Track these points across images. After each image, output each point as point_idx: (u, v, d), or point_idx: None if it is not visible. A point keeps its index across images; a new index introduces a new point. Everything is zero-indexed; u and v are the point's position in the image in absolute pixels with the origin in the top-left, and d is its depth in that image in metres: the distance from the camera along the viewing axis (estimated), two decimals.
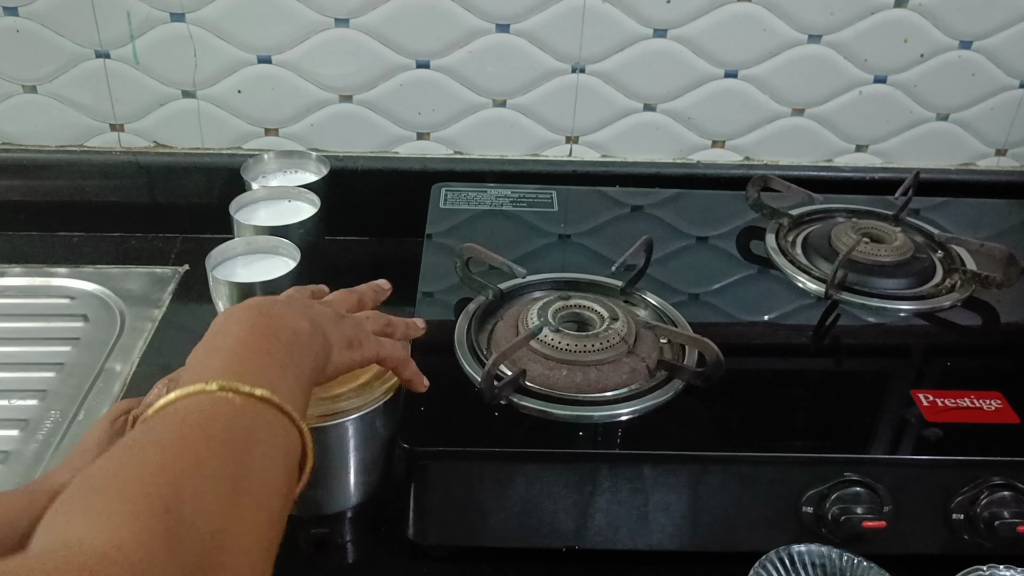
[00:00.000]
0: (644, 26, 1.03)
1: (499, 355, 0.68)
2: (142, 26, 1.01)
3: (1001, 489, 0.67)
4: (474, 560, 0.71)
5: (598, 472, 0.66)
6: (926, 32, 1.04)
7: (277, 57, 1.03)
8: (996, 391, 0.73)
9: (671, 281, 0.87)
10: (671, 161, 1.12)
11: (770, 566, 0.65)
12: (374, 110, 1.07)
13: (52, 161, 1.07)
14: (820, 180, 1.11)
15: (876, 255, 0.88)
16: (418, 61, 1.04)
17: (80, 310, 0.98)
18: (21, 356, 0.92)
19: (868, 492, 0.66)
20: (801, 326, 0.84)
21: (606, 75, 1.06)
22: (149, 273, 1.03)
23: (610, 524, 0.68)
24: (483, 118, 1.08)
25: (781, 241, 0.94)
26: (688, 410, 0.70)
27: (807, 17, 1.03)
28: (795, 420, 0.72)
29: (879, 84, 1.08)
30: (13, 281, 1.01)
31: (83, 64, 1.03)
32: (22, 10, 0.99)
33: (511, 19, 1.02)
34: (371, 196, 1.10)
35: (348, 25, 1.01)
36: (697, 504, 0.68)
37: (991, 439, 0.69)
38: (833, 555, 0.66)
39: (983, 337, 0.85)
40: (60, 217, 1.09)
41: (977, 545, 0.68)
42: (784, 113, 1.10)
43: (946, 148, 1.13)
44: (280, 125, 1.08)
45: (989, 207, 1.07)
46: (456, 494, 0.68)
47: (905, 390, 0.73)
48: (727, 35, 1.03)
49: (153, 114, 1.06)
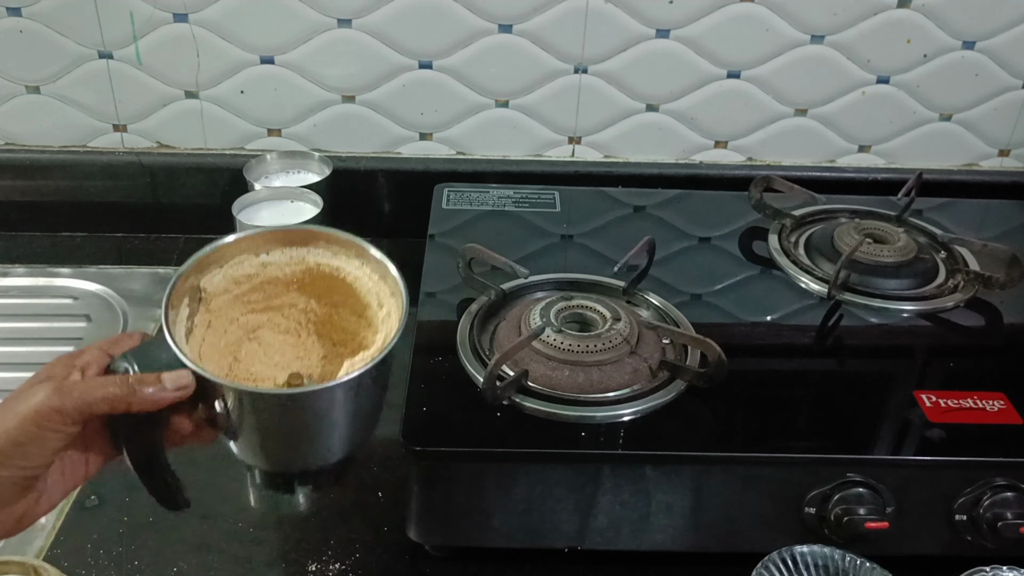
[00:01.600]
0: (647, 26, 1.03)
1: (501, 355, 0.68)
2: (145, 26, 1.01)
3: (1004, 490, 0.67)
4: (476, 560, 0.71)
5: (600, 473, 0.66)
6: (929, 32, 1.04)
7: (280, 57, 1.03)
8: (999, 392, 0.73)
9: (673, 281, 0.87)
10: (673, 161, 1.12)
11: (772, 567, 0.65)
12: (377, 110, 1.07)
13: (55, 161, 1.07)
14: (823, 180, 1.11)
15: (879, 256, 0.88)
16: (421, 61, 1.04)
17: (83, 310, 0.98)
18: (24, 356, 0.92)
19: (871, 493, 0.66)
20: (804, 327, 0.84)
21: (609, 75, 1.06)
22: (152, 273, 1.03)
23: (612, 525, 0.68)
24: (486, 118, 1.08)
25: (784, 242, 0.94)
26: (690, 411, 0.70)
27: (810, 17, 1.03)
28: (797, 421, 0.72)
29: (882, 84, 1.08)
30: (16, 281, 1.02)
31: (86, 65, 1.03)
32: (25, 11, 0.99)
33: (514, 19, 1.02)
34: (374, 196, 1.10)
35: (351, 25, 1.01)
36: (699, 505, 0.68)
37: (994, 440, 0.69)
38: (836, 556, 0.66)
39: (986, 338, 0.84)
40: (63, 217, 1.09)
41: (980, 546, 0.68)
42: (787, 113, 1.09)
43: (949, 149, 1.13)
44: (283, 125, 1.08)
45: (992, 208, 1.07)
46: (458, 494, 0.68)
47: (908, 391, 0.73)
48: (730, 35, 1.03)
49: (156, 115, 1.06)
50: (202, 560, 0.71)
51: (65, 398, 0.49)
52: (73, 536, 0.73)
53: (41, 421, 0.48)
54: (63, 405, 0.49)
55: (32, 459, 0.49)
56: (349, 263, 0.63)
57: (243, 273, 0.62)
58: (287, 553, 0.72)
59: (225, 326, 0.62)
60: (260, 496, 0.78)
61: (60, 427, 0.49)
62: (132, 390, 0.51)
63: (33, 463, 0.49)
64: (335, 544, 0.73)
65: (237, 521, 0.75)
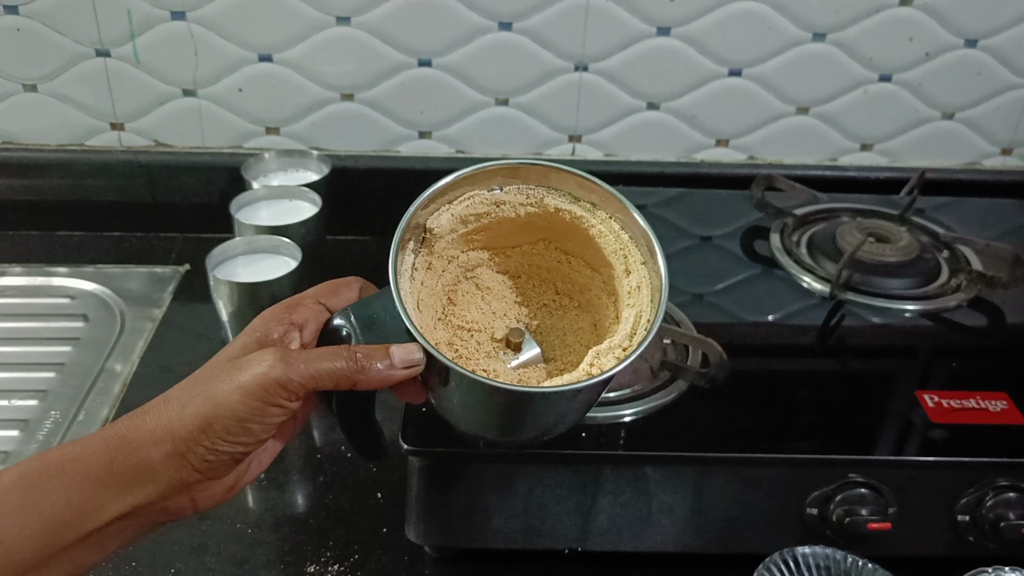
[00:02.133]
0: (647, 24, 1.02)
1: None
2: (143, 24, 1.00)
3: (1007, 490, 0.66)
4: (475, 562, 0.71)
5: (601, 473, 0.66)
6: (931, 30, 1.04)
7: (278, 55, 1.03)
8: (1002, 392, 0.72)
9: (674, 281, 0.85)
10: (675, 160, 1.12)
11: (774, 568, 0.65)
12: (376, 109, 1.07)
13: (52, 160, 1.07)
14: (825, 179, 1.10)
15: (881, 255, 0.88)
16: (420, 59, 1.04)
17: (80, 310, 0.98)
18: (21, 356, 0.91)
19: (873, 493, 0.66)
20: (805, 326, 0.84)
21: (609, 74, 1.05)
22: (149, 273, 1.03)
23: (613, 525, 0.68)
24: (485, 117, 1.08)
25: (786, 241, 0.94)
26: (692, 411, 0.70)
27: (812, 15, 1.02)
28: (799, 421, 0.72)
29: (884, 83, 1.07)
30: (13, 281, 1.01)
31: (84, 63, 1.02)
32: (23, 8, 0.99)
33: (514, 17, 1.01)
34: (372, 195, 1.09)
35: (350, 23, 1.01)
36: (700, 506, 0.67)
37: (997, 440, 0.68)
38: (837, 557, 0.65)
39: (989, 338, 0.84)
40: (60, 216, 1.09)
41: (982, 547, 0.68)
42: (788, 112, 1.09)
43: (951, 147, 1.12)
44: (281, 124, 1.08)
45: (995, 207, 1.06)
46: (458, 495, 0.67)
47: (910, 391, 0.73)
48: (731, 33, 1.03)
49: (154, 113, 1.06)
50: (200, 561, 0.71)
51: (291, 370, 0.45)
52: None
53: (265, 396, 0.45)
54: (288, 379, 0.45)
55: (253, 435, 0.46)
56: (594, 215, 0.55)
57: (473, 212, 0.54)
58: (285, 554, 0.72)
59: (444, 265, 0.55)
60: (258, 497, 0.77)
61: (284, 402, 0.45)
62: (360, 367, 0.47)
63: (254, 439, 0.46)
64: (334, 545, 0.73)
65: (235, 522, 0.74)
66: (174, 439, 0.44)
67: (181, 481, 0.45)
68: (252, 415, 0.45)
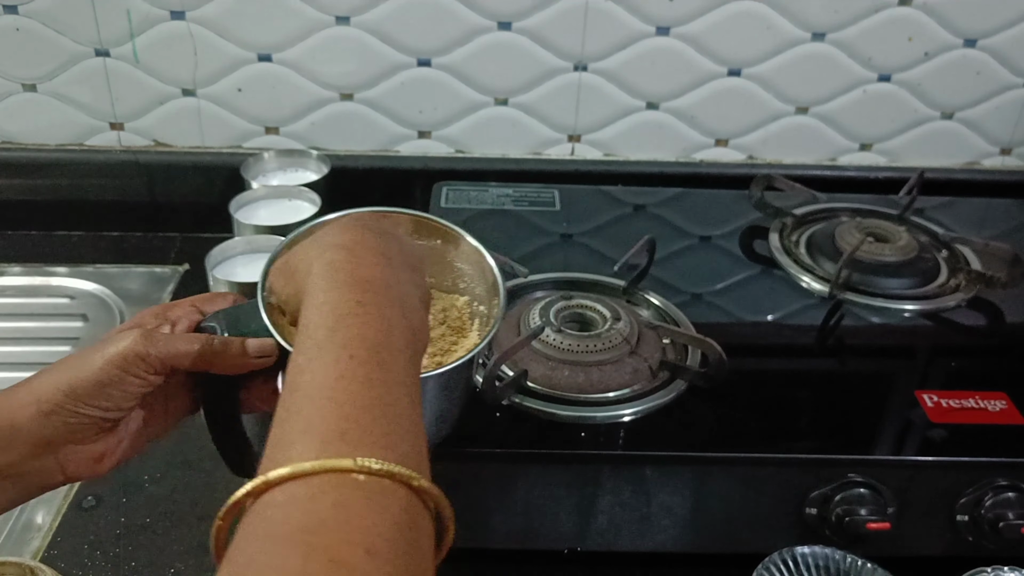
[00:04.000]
0: (647, 24, 1.02)
1: (501, 355, 0.68)
2: (142, 24, 1.00)
3: (1006, 490, 0.66)
4: (475, 562, 0.71)
5: (600, 473, 0.66)
6: (931, 30, 1.04)
7: (277, 55, 1.03)
8: (1001, 392, 0.72)
9: (674, 281, 0.86)
10: (674, 160, 1.12)
11: (773, 568, 0.65)
12: (375, 108, 1.07)
13: (52, 160, 1.07)
14: (824, 179, 1.10)
15: (880, 255, 0.88)
16: (419, 59, 1.04)
17: (79, 310, 0.98)
18: (20, 356, 0.92)
19: (872, 493, 0.66)
20: (805, 326, 0.84)
21: (608, 73, 1.05)
22: (149, 272, 1.03)
23: (612, 526, 0.68)
24: (485, 116, 1.08)
25: (785, 240, 0.94)
26: (691, 411, 0.70)
27: (811, 15, 1.02)
28: (799, 421, 0.72)
29: (883, 83, 1.07)
30: (12, 280, 1.01)
31: (83, 62, 1.02)
32: (22, 8, 0.99)
33: (513, 17, 1.01)
34: (372, 195, 1.08)
35: (349, 23, 1.01)
36: (700, 506, 0.67)
37: (996, 440, 0.68)
38: (837, 557, 0.65)
39: (988, 337, 0.84)
40: (59, 216, 1.09)
41: (982, 547, 0.68)
42: (788, 112, 1.09)
43: (951, 147, 1.12)
44: (280, 124, 1.08)
45: (994, 206, 1.06)
46: (457, 495, 0.67)
47: (909, 391, 0.73)
48: (730, 33, 1.03)
49: (153, 113, 1.06)
50: (199, 562, 0.71)
51: (150, 346, 0.50)
52: (70, 537, 0.72)
53: (124, 364, 0.50)
54: (147, 352, 0.50)
55: (113, 400, 0.50)
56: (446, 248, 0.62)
57: None
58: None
59: None
60: None
61: (142, 373, 0.50)
62: (215, 351, 0.52)
63: (114, 405, 0.50)
64: None
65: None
66: (39, 401, 0.49)
67: (44, 438, 0.49)
68: (112, 381, 0.50)
